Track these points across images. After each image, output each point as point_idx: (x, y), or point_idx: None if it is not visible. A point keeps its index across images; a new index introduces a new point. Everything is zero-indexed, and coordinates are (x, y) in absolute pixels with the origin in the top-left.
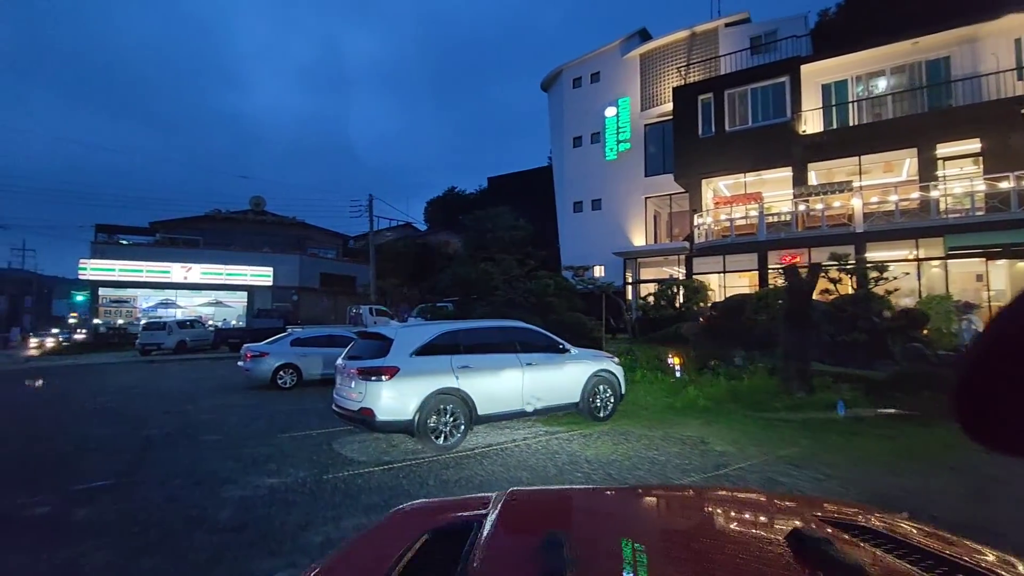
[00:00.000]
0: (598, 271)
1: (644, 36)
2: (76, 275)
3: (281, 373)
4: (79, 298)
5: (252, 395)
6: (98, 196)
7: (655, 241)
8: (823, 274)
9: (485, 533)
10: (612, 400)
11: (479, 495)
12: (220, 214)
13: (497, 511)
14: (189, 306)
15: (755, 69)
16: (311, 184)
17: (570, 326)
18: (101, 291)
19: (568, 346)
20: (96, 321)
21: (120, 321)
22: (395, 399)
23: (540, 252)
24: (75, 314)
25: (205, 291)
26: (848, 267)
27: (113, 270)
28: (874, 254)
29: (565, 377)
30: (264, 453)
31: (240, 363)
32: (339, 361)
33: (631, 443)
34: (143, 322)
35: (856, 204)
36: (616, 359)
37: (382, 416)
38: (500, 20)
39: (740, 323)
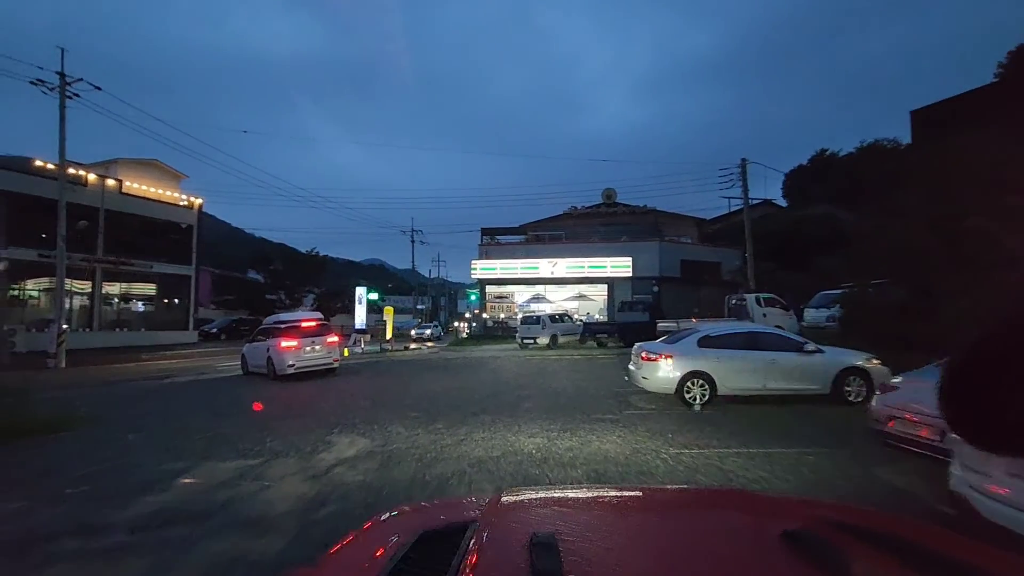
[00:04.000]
0: None
1: None
2: (470, 277)
3: (689, 384)
4: (472, 297)
5: (657, 415)
6: (485, 212)
7: None
8: None
9: (478, 534)
10: None
11: (472, 497)
12: (576, 210)
13: (490, 513)
14: (556, 300)
15: None
16: (658, 172)
17: None
18: (488, 289)
19: None
20: (484, 316)
21: (502, 315)
22: None
23: None
24: (477, 311)
25: (569, 285)
26: None
27: (494, 268)
28: None
29: None
30: None
31: (631, 366)
32: None
33: None
34: (519, 316)
35: None
36: None
37: None
38: None
39: None
